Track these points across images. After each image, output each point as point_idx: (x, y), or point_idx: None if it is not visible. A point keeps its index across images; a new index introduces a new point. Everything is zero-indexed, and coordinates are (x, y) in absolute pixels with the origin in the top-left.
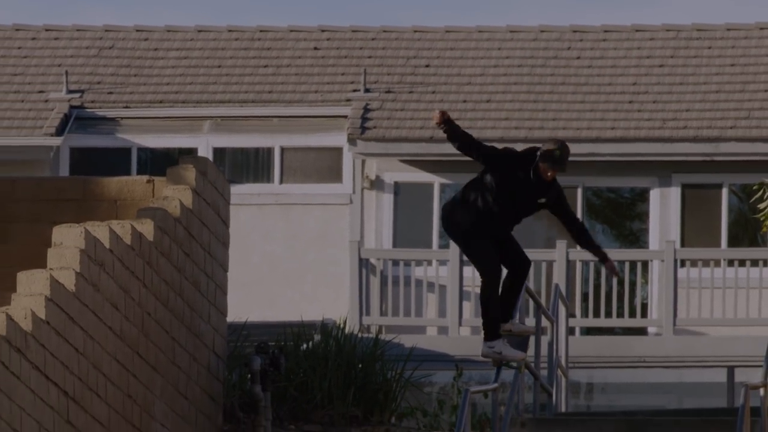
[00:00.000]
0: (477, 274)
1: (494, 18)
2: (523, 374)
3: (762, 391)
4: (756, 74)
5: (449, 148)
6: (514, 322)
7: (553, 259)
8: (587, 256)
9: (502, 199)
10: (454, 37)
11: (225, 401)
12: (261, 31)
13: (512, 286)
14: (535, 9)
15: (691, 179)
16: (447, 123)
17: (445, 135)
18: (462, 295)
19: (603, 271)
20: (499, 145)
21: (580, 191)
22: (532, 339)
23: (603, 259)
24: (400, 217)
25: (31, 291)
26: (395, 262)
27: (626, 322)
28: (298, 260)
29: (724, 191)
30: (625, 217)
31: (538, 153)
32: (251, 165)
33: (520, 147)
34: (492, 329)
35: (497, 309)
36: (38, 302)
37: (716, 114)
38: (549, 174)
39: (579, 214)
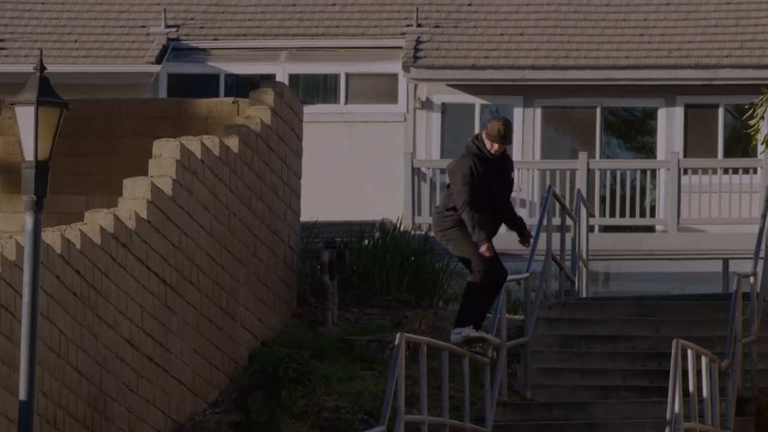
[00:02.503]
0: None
1: None
2: (550, 264)
3: (752, 279)
4: (747, 11)
5: (489, 75)
6: (473, 331)
7: (576, 168)
8: (607, 164)
9: (486, 194)
10: None
11: (298, 288)
12: None
13: (489, 293)
14: None
15: (693, 100)
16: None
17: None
18: None
19: (618, 177)
20: (531, 74)
21: (599, 111)
22: (556, 237)
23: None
24: (447, 132)
25: (134, 195)
26: (442, 171)
27: (637, 221)
28: (360, 169)
29: (721, 111)
30: (636, 132)
31: (484, 135)
32: (321, 89)
33: (548, 75)
34: (465, 319)
35: (479, 306)
36: (141, 205)
37: (714, 45)
38: (496, 149)
39: (597, 131)
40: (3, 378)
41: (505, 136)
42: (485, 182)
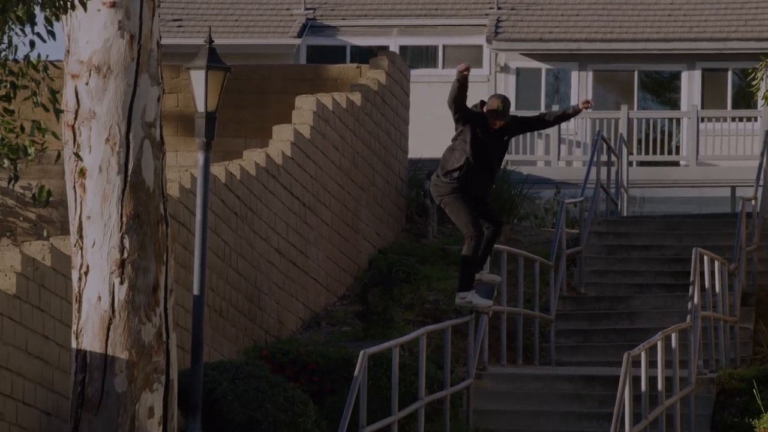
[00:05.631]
0: (569, 125)
1: None
2: (599, 191)
3: (753, 201)
4: None
5: (552, 46)
6: (483, 273)
7: (619, 117)
8: (642, 114)
9: (479, 147)
10: None
11: (406, 209)
12: None
13: (487, 243)
14: None
15: (708, 65)
16: (466, 76)
17: (460, 82)
18: (560, 140)
19: (651, 124)
20: (584, 46)
21: (636, 74)
22: (604, 170)
23: (575, 111)
24: (520, 90)
25: (281, 138)
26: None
27: (666, 157)
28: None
29: (729, 73)
30: (665, 90)
31: (485, 110)
32: (423, 56)
33: (597, 46)
34: (466, 283)
35: (475, 268)
36: (286, 145)
37: (724, 23)
38: (497, 124)
39: (635, 89)
40: (181, 278)
41: (503, 113)
42: (483, 143)
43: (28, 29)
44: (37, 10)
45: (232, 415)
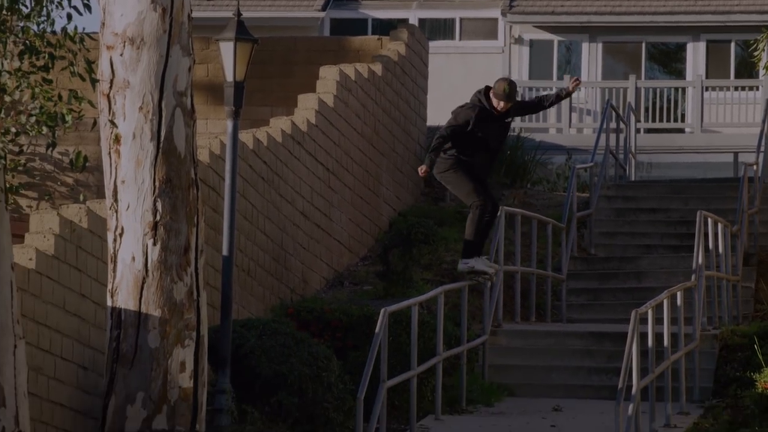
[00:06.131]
0: (580, 95)
1: None
2: (608, 156)
3: (755, 166)
4: None
5: (564, 19)
6: (479, 260)
7: (627, 86)
8: (650, 84)
9: (481, 140)
10: None
11: None
12: None
13: (485, 227)
14: None
15: (712, 37)
16: (430, 166)
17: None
18: (571, 108)
19: (658, 93)
20: (594, 18)
21: (644, 45)
22: (613, 137)
23: (567, 93)
24: (533, 61)
25: (306, 106)
26: (530, 88)
27: (672, 125)
28: (469, 87)
29: (732, 45)
30: (671, 60)
31: (491, 93)
32: (441, 29)
33: (607, 18)
34: (470, 251)
35: (480, 237)
36: (310, 113)
37: None
38: (502, 106)
39: (643, 60)
40: (211, 239)
41: (509, 95)
42: (484, 130)
43: (65, 2)
44: None
45: (259, 370)
